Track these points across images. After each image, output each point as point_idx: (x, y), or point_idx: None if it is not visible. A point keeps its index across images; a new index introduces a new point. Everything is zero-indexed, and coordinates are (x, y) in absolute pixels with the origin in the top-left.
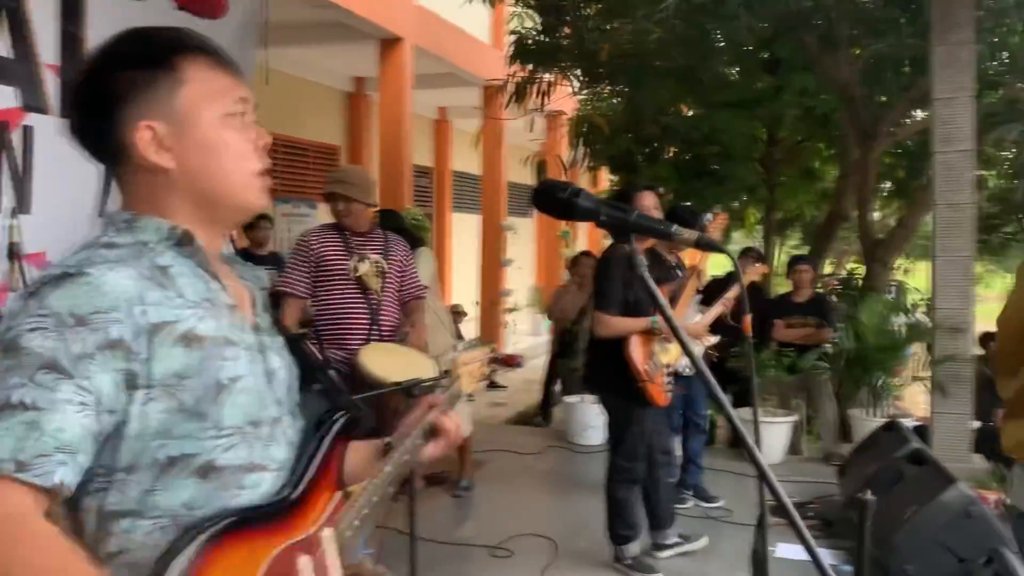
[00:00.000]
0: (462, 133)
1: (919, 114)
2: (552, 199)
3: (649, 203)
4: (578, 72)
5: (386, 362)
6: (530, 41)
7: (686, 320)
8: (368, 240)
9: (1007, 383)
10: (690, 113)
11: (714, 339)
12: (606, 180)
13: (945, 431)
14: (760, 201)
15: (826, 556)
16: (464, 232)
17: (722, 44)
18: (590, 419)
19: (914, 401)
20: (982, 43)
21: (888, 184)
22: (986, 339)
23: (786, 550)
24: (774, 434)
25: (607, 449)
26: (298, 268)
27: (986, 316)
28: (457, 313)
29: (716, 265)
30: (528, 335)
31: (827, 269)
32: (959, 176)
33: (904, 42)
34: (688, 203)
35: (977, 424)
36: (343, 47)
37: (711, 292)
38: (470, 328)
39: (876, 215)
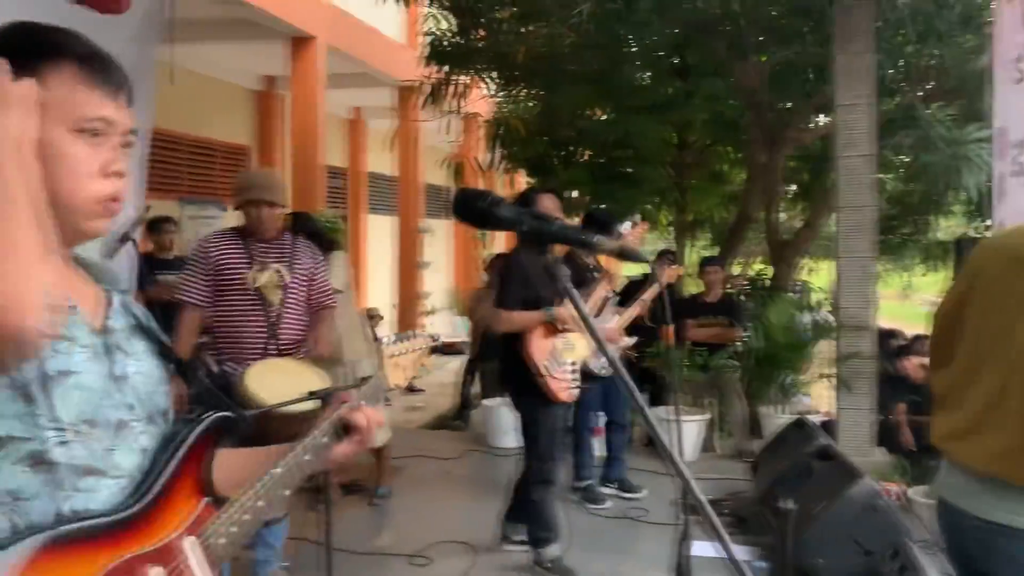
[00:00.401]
0: (377, 134)
1: (822, 119)
2: (472, 209)
3: (550, 206)
4: (493, 75)
5: (273, 381)
6: (445, 43)
7: (601, 323)
8: (272, 247)
9: (939, 375)
10: (604, 117)
11: (630, 341)
12: (524, 183)
13: (850, 426)
14: (671, 203)
15: (740, 553)
16: (379, 234)
17: (634, 49)
18: (509, 421)
19: (820, 397)
20: (880, 52)
21: (793, 187)
22: (885, 336)
23: (700, 548)
24: (687, 432)
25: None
26: (195, 275)
27: (884, 314)
28: (372, 316)
29: (631, 267)
30: (446, 337)
31: (736, 269)
32: (860, 180)
33: (808, 50)
34: (603, 206)
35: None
36: (252, 45)
37: (627, 294)
38: (387, 332)
39: (782, 217)
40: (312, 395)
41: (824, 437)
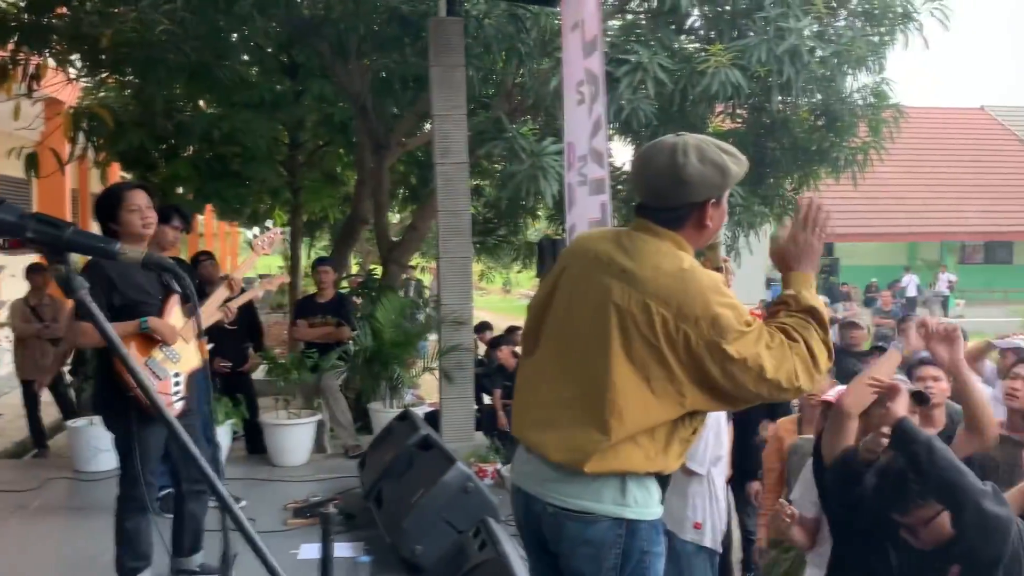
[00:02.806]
0: None
1: (427, 127)
2: None
3: (141, 202)
4: (75, 58)
5: None
6: (11, 16)
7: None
8: None
9: (523, 364)
10: (210, 111)
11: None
12: (119, 176)
13: (452, 414)
14: (285, 203)
15: (347, 549)
16: None
17: (238, 43)
18: (102, 443)
19: (430, 389)
20: (473, 68)
21: (403, 190)
22: (480, 328)
23: (309, 550)
24: (299, 435)
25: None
26: None
27: (489, 308)
28: None
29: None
30: None
31: (355, 269)
32: (457, 186)
33: (408, 60)
34: (174, 204)
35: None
36: None
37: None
38: None
39: (396, 218)
40: None
41: (426, 428)
